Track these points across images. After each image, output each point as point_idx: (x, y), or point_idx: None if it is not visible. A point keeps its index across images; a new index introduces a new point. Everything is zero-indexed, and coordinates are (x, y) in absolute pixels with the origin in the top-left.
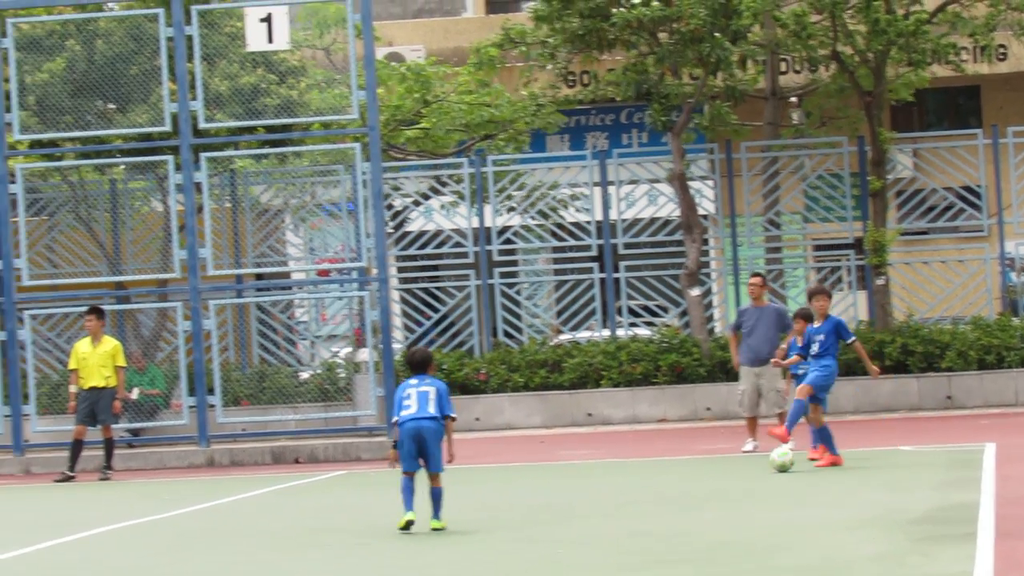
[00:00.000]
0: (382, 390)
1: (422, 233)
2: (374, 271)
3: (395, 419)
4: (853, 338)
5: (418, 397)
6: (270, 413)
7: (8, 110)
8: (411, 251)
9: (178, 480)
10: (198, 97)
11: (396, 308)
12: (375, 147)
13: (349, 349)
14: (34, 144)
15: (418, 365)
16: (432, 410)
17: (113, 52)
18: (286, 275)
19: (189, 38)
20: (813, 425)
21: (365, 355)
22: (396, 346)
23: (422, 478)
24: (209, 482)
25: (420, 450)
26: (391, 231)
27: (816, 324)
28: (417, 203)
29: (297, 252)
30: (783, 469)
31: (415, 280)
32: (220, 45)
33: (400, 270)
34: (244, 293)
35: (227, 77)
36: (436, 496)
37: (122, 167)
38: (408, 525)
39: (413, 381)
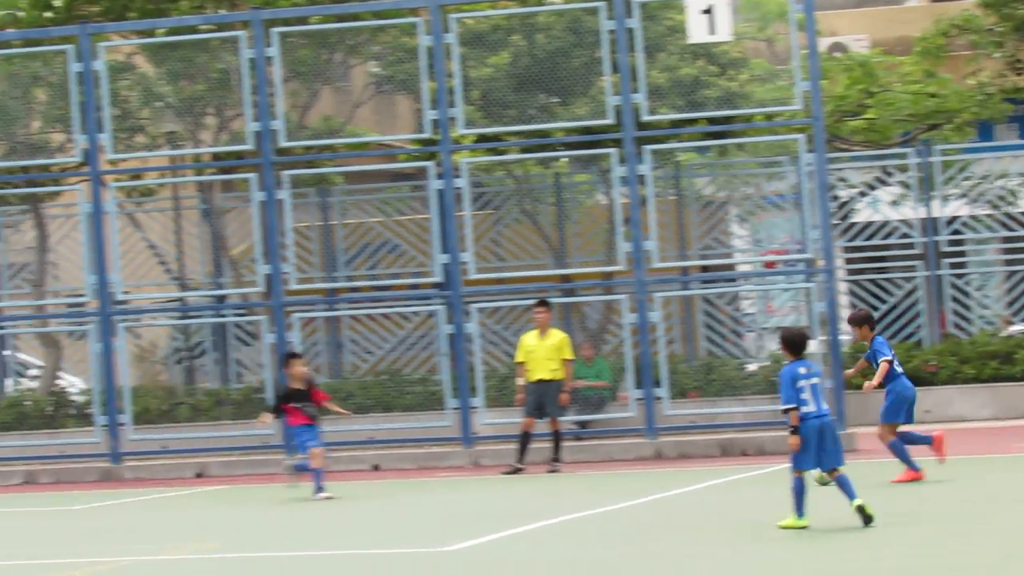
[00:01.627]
0: (831, 382)
1: (868, 224)
2: (820, 263)
3: (790, 407)
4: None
5: (812, 391)
6: (717, 405)
7: (452, 105)
8: (857, 242)
9: (625, 472)
10: (640, 90)
11: (843, 300)
12: (819, 138)
13: None
14: (478, 138)
15: (799, 347)
16: (826, 405)
17: (554, 46)
18: (731, 267)
19: (629, 31)
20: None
21: (813, 347)
22: (843, 338)
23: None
24: (656, 475)
25: (821, 447)
26: (837, 222)
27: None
28: (863, 194)
29: (742, 244)
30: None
31: (862, 271)
32: (659, 37)
33: (847, 261)
34: (690, 285)
35: (666, 69)
36: (846, 482)
37: (565, 160)
38: (800, 529)
39: (802, 369)
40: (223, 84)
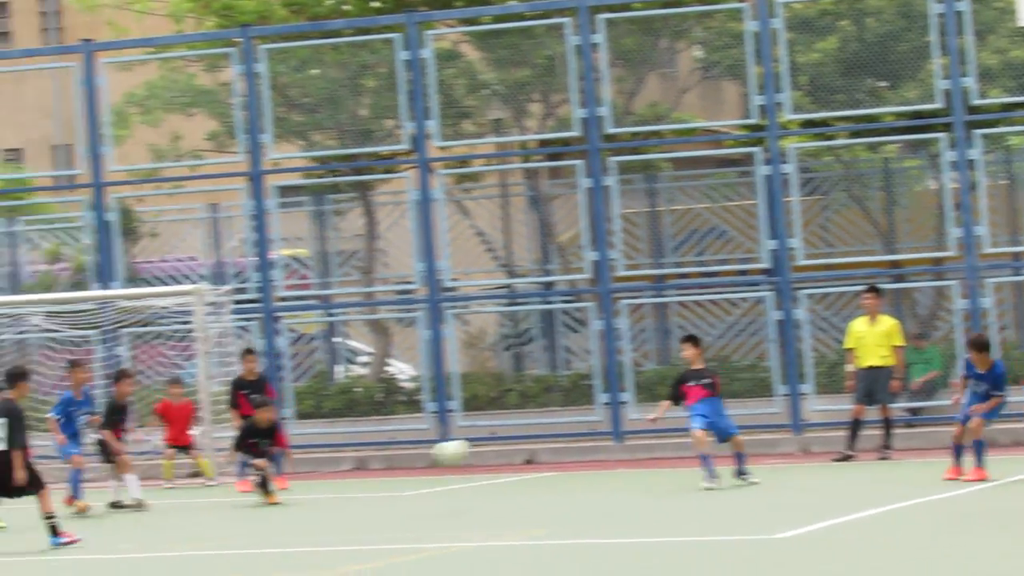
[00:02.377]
0: None
1: None
2: None
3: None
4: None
5: None
6: None
7: (779, 90)
8: None
9: None
10: (970, 73)
11: None
12: None
13: None
14: (805, 123)
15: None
16: None
17: (883, 30)
18: None
19: (959, 14)
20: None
21: None
22: None
23: None
24: (988, 462)
25: None
26: None
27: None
28: None
29: None
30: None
31: None
32: (989, 20)
33: None
34: (1022, 271)
35: (997, 52)
36: None
37: (894, 145)
38: None
39: None
40: (549, 71)
